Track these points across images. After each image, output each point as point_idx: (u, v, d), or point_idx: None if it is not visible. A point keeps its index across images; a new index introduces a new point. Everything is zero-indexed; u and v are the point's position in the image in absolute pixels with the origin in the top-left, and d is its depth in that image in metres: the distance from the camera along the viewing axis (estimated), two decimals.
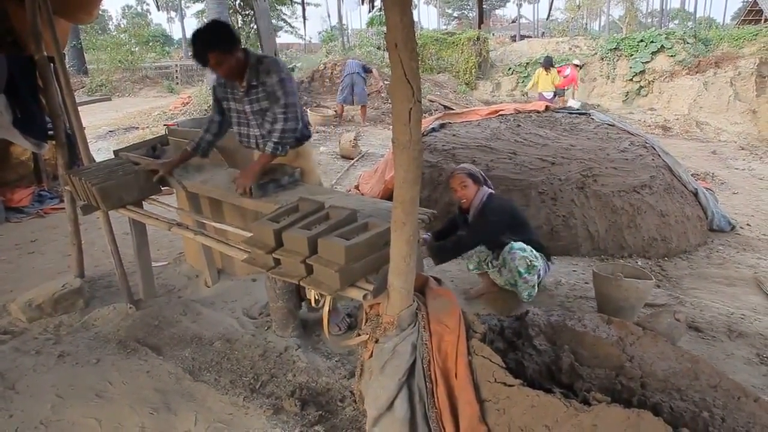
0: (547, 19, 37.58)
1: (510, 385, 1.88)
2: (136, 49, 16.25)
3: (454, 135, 5.04)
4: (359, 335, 2.10)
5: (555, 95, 11.73)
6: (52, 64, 3.42)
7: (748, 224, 5.51)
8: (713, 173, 7.83)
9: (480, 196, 3.22)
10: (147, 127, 9.51)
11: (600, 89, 16.24)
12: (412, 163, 1.77)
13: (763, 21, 20.68)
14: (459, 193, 3.25)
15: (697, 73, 14.42)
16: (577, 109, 5.74)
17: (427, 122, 5.36)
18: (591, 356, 2.43)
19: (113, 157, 3.35)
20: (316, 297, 2.03)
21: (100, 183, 2.84)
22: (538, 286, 3.28)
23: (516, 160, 4.49)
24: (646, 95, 15.31)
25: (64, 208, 5.38)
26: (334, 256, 1.86)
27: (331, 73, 12.53)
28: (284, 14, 17.09)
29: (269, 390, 2.61)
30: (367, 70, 10.60)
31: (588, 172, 4.35)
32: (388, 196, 5.04)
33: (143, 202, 3.10)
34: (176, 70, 15.65)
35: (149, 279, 3.44)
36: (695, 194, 4.80)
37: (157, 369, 2.78)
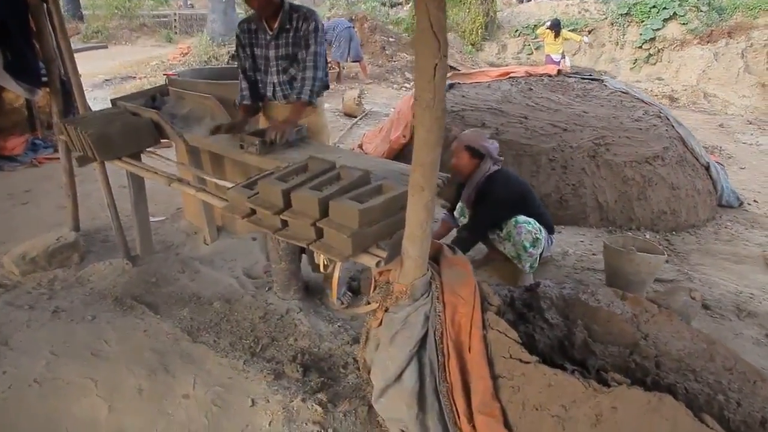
0: None
1: (526, 362, 1.81)
2: None
3: (463, 96, 4.86)
4: (368, 303, 2.01)
5: (563, 57, 11.44)
6: (45, 5, 3.21)
7: (755, 200, 5.42)
8: (721, 147, 7.70)
9: (480, 174, 3.07)
10: (145, 76, 9.21)
11: (608, 55, 15.85)
12: (435, 123, 1.65)
13: None
14: (453, 161, 3.12)
15: (708, 42, 14.06)
16: (590, 75, 5.56)
17: None
18: (604, 332, 2.36)
19: (111, 106, 3.19)
20: (325, 262, 1.93)
21: (96, 133, 2.69)
22: (540, 258, 3.20)
23: (527, 125, 4.34)
24: (655, 64, 14.95)
25: (58, 158, 5.23)
26: (346, 220, 1.75)
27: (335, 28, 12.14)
28: None
29: (270, 354, 2.54)
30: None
31: (600, 140, 4.22)
32: (393, 156, 4.92)
33: (141, 155, 2.96)
34: (175, 20, 15.14)
35: (147, 235, 3.33)
36: (707, 168, 4.68)
37: (154, 328, 2.70)
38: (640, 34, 15.10)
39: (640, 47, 15.16)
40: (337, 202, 1.77)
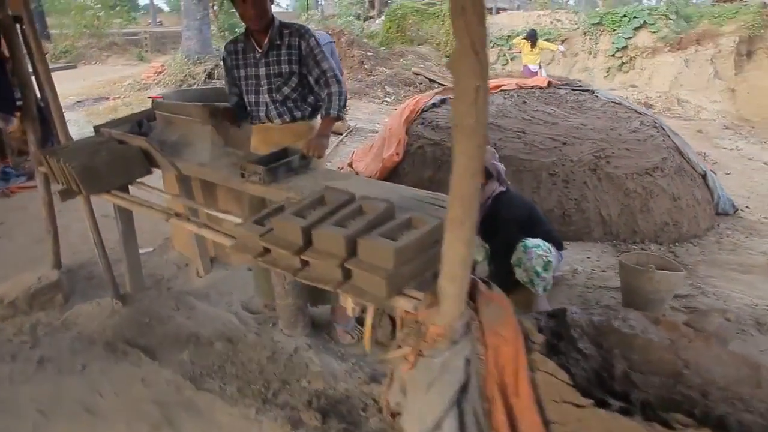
0: None
1: (580, 406, 1.66)
2: (102, 13, 15.32)
3: None
4: (399, 347, 1.84)
5: (540, 67, 11.50)
6: (18, 26, 2.99)
7: (747, 207, 5.42)
8: (705, 153, 7.76)
9: (485, 195, 2.95)
10: (119, 97, 8.91)
11: (582, 64, 16.07)
12: (477, 151, 1.49)
13: None
14: None
15: (678, 50, 14.36)
16: (580, 85, 5.52)
17: (427, 97, 5.06)
18: (643, 361, 2.22)
19: (94, 134, 2.97)
20: (353, 305, 1.75)
21: (81, 165, 2.47)
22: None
23: (525, 140, 4.24)
24: (628, 71, 15.20)
25: (33, 187, 4.93)
26: (379, 260, 1.58)
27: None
28: None
29: (283, 399, 2.34)
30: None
31: (600, 153, 4.14)
32: (387, 175, 4.77)
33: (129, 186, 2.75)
34: (146, 38, 14.79)
35: (137, 271, 3.10)
36: (703, 176, 4.65)
37: (153, 376, 2.48)
38: (613, 43, 15.36)
39: (613, 56, 15.40)
40: (367, 240, 1.60)
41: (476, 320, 1.79)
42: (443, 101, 5.00)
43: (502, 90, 5.17)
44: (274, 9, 2.71)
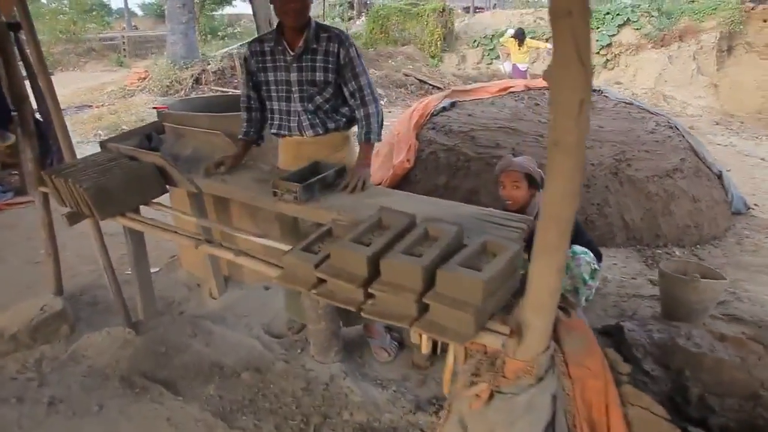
0: None
1: None
2: (77, 19, 14.80)
3: (469, 115, 4.59)
4: (473, 383, 1.67)
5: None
6: (12, 33, 2.74)
7: (756, 204, 5.37)
8: None
9: (536, 205, 2.78)
10: (102, 105, 8.56)
11: None
12: (577, 171, 1.33)
13: None
14: (507, 192, 2.77)
15: (662, 46, 14.46)
16: None
17: (436, 100, 4.90)
18: (714, 382, 2.09)
19: (99, 150, 2.73)
20: (427, 342, 1.58)
21: (94, 186, 2.25)
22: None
23: (544, 143, 4.10)
24: (613, 68, 15.26)
25: (21, 203, 4.66)
26: (464, 293, 1.41)
27: None
28: None
29: None
30: None
31: (621, 155, 4.02)
32: (397, 182, 4.60)
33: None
34: (124, 42, 14.34)
35: (149, 296, 2.88)
36: (719, 176, 4.57)
37: (178, 414, 2.27)
38: (597, 40, 15.39)
39: (598, 53, 15.44)
40: (449, 271, 1.43)
41: (559, 352, 1.63)
42: (453, 104, 4.84)
43: (510, 92, 5.04)
44: (244, 10, 2.49)
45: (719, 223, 4.31)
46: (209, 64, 9.65)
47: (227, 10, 16.23)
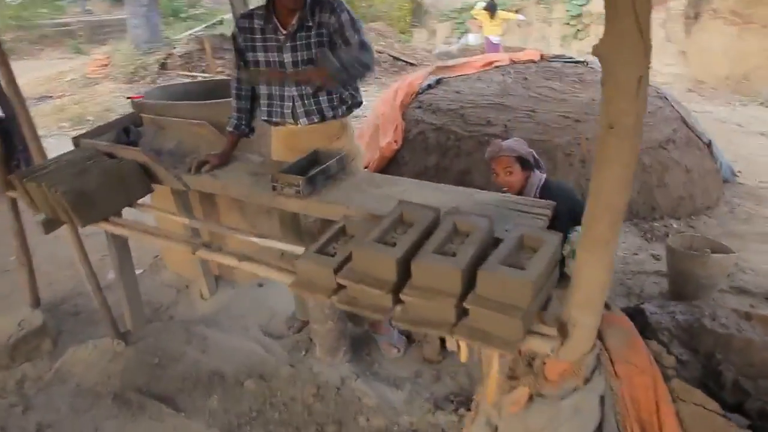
0: None
1: None
2: (27, 4, 13.97)
3: (457, 92, 4.43)
4: (512, 387, 1.55)
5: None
6: None
7: (739, 171, 5.39)
8: None
9: (533, 185, 2.64)
10: (63, 94, 8.09)
11: (538, 33, 15.95)
12: (634, 156, 1.20)
13: None
14: (501, 179, 2.61)
15: None
16: (570, 57, 5.31)
17: (420, 77, 4.71)
18: (745, 364, 2.01)
19: (73, 148, 2.50)
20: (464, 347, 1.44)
21: (73, 190, 2.04)
22: None
23: (536, 119, 3.98)
24: (583, 39, 15.12)
25: None
26: (509, 295, 1.27)
27: None
28: None
29: None
30: None
31: None
32: (385, 164, 4.43)
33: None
34: (80, 27, 13.59)
35: (137, 303, 2.68)
36: (708, 145, 4.53)
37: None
38: (567, 11, 15.26)
39: (568, 24, 15.35)
40: (492, 272, 1.29)
41: (603, 349, 1.52)
42: (439, 81, 4.66)
43: (496, 66, 4.88)
44: None
45: (711, 192, 4.28)
46: (175, 48, 9.21)
47: None
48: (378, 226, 1.54)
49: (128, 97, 2.98)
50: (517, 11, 15.24)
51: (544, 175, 2.72)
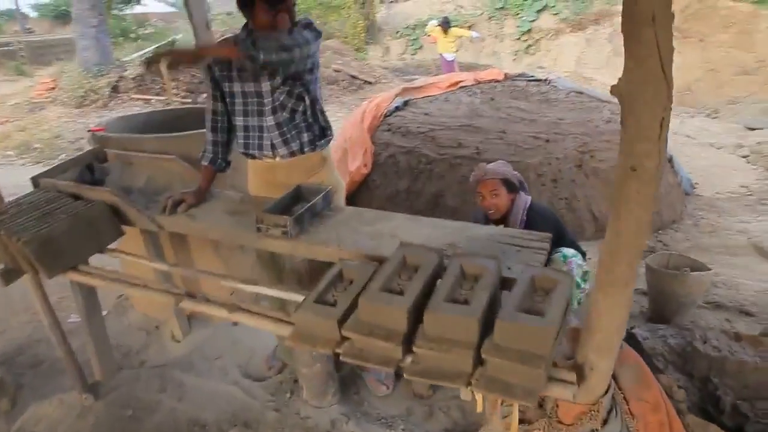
0: None
1: None
2: None
3: (426, 114, 4.41)
4: (527, 431, 1.49)
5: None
6: None
7: (696, 183, 5.58)
8: None
9: (519, 207, 2.63)
10: (7, 120, 7.65)
11: (490, 49, 16.33)
12: (653, 198, 1.17)
13: None
14: (488, 202, 2.60)
15: (579, 30, 14.97)
16: (532, 76, 5.39)
17: (387, 99, 4.67)
18: (740, 386, 2.03)
19: (33, 189, 2.32)
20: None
21: (37, 239, 1.88)
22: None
23: (507, 140, 4.00)
24: (534, 53, 15.63)
25: None
26: (529, 344, 1.22)
27: None
28: None
29: None
30: None
31: (584, 147, 3.99)
32: (355, 189, 4.36)
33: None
34: (20, 48, 12.96)
35: (106, 351, 2.50)
36: (669, 160, 4.67)
37: None
38: (517, 27, 15.71)
39: (519, 39, 15.79)
40: (509, 321, 1.23)
41: (617, 388, 1.48)
42: (406, 103, 4.64)
43: (461, 86, 4.91)
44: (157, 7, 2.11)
45: (676, 206, 4.40)
46: (126, 70, 8.89)
47: (136, 9, 15.15)
48: (381, 272, 1.47)
49: (89, 130, 2.81)
50: (469, 27, 15.61)
51: (530, 197, 2.71)
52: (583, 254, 2.84)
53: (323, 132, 2.22)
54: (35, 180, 2.33)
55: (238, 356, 2.76)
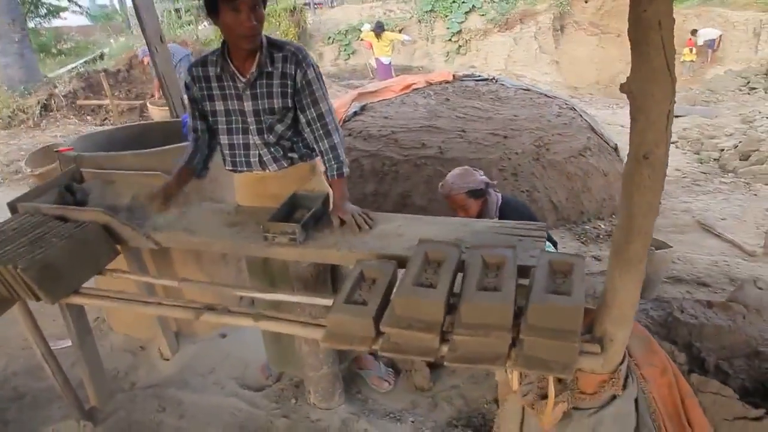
0: None
1: (756, 418, 1.59)
2: None
3: (385, 117, 4.51)
4: (550, 404, 1.60)
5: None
6: None
7: None
8: None
9: (492, 206, 2.72)
10: None
11: (422, 51, 16.68)
12: (662, 182, 1.31)
13: None
14: (460, 213, 2.70)
15: (506, 30, 15.57)
16: (480, 75, 5.60)
17: (344, 104, 4.73)
18: (718, 348, 2.25)
19: (12, 214, 2.23)
20: (519, 380, 1.48)
21: (35, 265, 1.82)
22: None
23: (467, 138, 4.16)
24: (465, 54, 16.10)
25: None
26: (561, 322, 1.33)
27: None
28: None
29: None
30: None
31: (539, 141, 4.21)
32: None
33: None
34: None
35: (99, 374, 2.42)
36: (615, 149, 4.99)
37: None
38: (447, 28, 16.12)
39: (450, 40, 16.20)
40: (541, 303, 1.34)
41: (629, 356, 1.62)
42: (363, 108, 4.72)
43: (414, 89, 5.04)
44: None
45: None
46: (56, 87, 8.45)
47: (56, 22, 14.35)
48: (408, 268, 1.54)
49: (57, 151, 2.71)
50: (400, 30, 15.87)
51: (500, 195, 2.83)
52: (555, 243, 3.01)
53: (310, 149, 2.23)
54: (13, 205, 2.24)
55: (232, 369, 2.74)
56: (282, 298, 1.75)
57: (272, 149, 2.13)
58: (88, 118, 8.05)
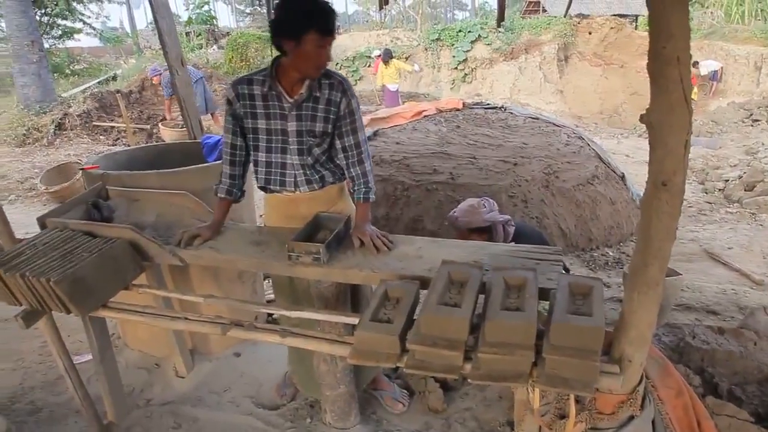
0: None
1: None
2: None
3: (397, 143, 4.61)
4: (570, 423, 1.63)
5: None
6: None
7: None
8: None
9: (500, 236, 2.77)
10: None
11: (428, 78, 16.96)
12: (678, 208, 1.38)
13: (541, 12, 23.49)
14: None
15: (512, 59, 15.85)
16: (488, 103, 5.72)
17: None
18: (730, 373, 2.28)
19: (41, 228, 2.29)
20: (539, 400, 1.52)
21: (67, 278, 1.87)
22: None
23: (478, 165, 4.24)
24: (471, 82, 16.38)
25: None
26: (583, 341, 1.38)
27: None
28: (81, 14, 14.38)
29: None
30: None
31: (549, 169, 4.29)
32: None
33: None
34: None
35: (118, 390, 2.46)
36: (622, 178, 5.06)
37: None
38: (453, 57, 16.42)
39: (455, 68, 16.49)
40: (565, 323, 1.39)
41: (646, 378, 1.66)
42: (375, 133, 4.82)
43: (425, 116, 5.15)
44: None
45: (633, 220, 4.77)
46: (70, 106, 8.62)
47: (68, 43, 14.69)
48: (433, 288, 1.60)
49: (81, 169, 2.79)
50: (407, 58, 16.16)
51: (513, 228, 2.83)
52: (567, 270, 3.06)
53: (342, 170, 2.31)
54: (42, 221, 2.31)
55: (247, 387, 2.77)
56: (308, 316, 1.80)
57: (308, 171, 2.20)
58: (101, 137, 8.20)
